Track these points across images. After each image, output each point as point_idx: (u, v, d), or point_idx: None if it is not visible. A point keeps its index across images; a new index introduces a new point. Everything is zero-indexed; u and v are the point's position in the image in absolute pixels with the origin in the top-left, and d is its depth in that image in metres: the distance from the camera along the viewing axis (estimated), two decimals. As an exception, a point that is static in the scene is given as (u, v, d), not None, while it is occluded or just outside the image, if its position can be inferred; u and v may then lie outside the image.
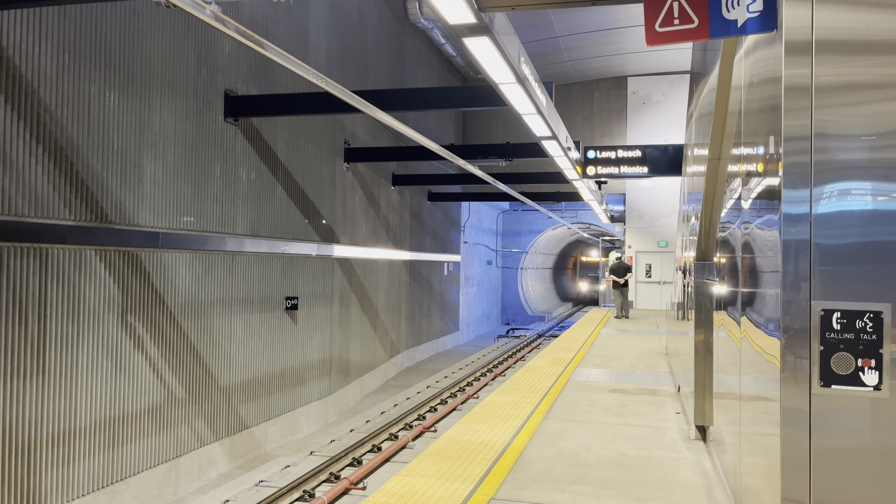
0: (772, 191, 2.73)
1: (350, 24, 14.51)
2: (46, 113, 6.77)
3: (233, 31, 5.27)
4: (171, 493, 8.49)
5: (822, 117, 2.50)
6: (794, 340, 2.51)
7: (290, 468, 9.51)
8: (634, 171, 12.06)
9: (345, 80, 13.55)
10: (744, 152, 3.57)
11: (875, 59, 2.47)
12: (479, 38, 5.45)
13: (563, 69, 22.74)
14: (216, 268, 9.56)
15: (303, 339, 12.19)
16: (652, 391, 8.53)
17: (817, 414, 2.47)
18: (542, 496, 4.71)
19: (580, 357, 11.48)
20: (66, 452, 7.00)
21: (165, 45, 8.48)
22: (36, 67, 6.64)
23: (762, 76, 3.01)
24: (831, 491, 2.46)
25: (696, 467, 5.38)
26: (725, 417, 4.54)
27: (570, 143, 11.98)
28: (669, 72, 22.91)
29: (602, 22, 18.96)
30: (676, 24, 2.99)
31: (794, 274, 2.51)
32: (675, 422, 6.89)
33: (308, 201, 12.37)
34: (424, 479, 5.01)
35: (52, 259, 6.82)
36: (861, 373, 2.42)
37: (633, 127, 23.42)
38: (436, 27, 19.56)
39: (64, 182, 6.98)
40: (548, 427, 6.64)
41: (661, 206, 23.17)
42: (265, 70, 10.78)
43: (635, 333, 15.62)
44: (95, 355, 7.37)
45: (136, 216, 7.99)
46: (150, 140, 8.22)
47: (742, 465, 3.69)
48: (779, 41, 2.64)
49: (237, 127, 10.08)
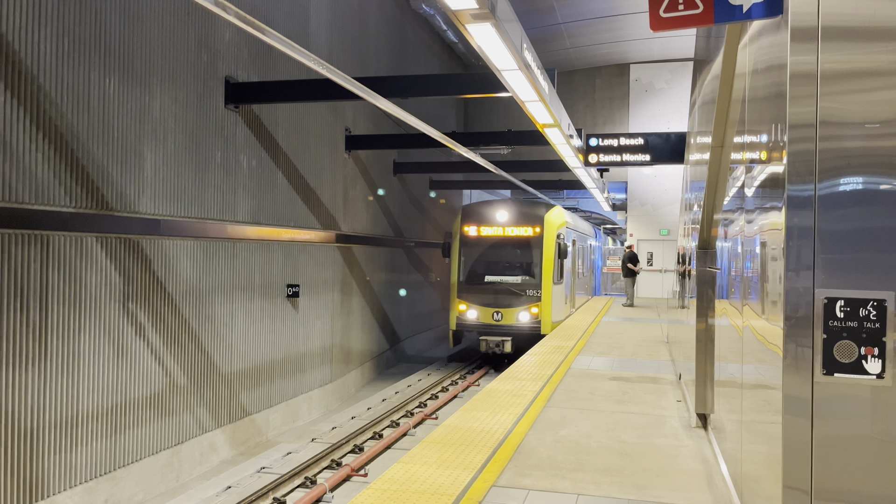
0: (776, 179, 2.71)
1: (351, 11, 14.42)
2: (46, 99, 6.74)
3: (233, 17, 5.23)
4: (174, 480, 8.53)
5: (827, 105, 2.48)
6: (797, 328, 2.50)
7: (292, 455, 9.56)
8: (636, 159, 12.01)
9: (345, 67, 13.47)
10: (747, 140, 3.55)
11: (882, 45, 2.45)
12: (481, 25, 5.41)
13: (565, 56, 22.61)
14: (217, 255, 9.56)
15: (304, 327, 12.21)
16: (653, 379, 8.54)
17: (819, 402, 2.47)
18: (543, 483, 4.72)
19: (581, 345, 11.50)
20: (69, 439, 7.03)
21: (165, 30, 8.43)
22: (35, 53, 6.60)
23: (767, 63, 2.98)
24: (833, 479, 2.47)
25: (696, 455, 5.39)
26: (726, 405, 4.54)
27: (573, 131, 11.93)
28: (672, 59, 22.79)
29: (604, 8, 18.84)
30: (681, 10, 2.97)
31: (797, 262, 2.50)
32: (676, 410, 6.91)
33: (309, 189, 12.35)
34: (426, 466, 5.03)
35: (54, 246, 6.82)
36: (864, 361, 2.41)
37: (636, 114, 23.33)
38: (437, 14, 19.44)
39: (64, 169, 6.96)
40: (549, 415, 6.66)
41: (664, 195, 23.12)
42: (266, 57, 10.72)
43: (637, 321, 15.64)
44: (97, 342, 7.39)
45: (136, 203, 7.97)
46: (150, 127, 8.19)
47: (743, 453, 3.70)
48: (784, 27, 2.62)
49: (238, 114, 10.04)
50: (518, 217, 16.22)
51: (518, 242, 16.13)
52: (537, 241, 15.94)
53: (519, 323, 15.51)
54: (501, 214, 16.21)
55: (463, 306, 15.89)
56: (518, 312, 15.51)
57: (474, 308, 15.81)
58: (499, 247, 16.26)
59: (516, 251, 16.15)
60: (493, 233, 16.23)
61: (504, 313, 15.56)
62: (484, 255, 16.26)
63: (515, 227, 16.13)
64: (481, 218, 16.41)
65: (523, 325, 15.47)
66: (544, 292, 15.49)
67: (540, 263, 15.77)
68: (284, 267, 11.47)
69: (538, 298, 15.48)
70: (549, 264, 15.70)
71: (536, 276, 15.76)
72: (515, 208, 16.34)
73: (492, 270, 16.06)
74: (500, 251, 16.25)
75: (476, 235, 16.34)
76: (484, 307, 15.72)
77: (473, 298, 15.81)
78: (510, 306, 15.58)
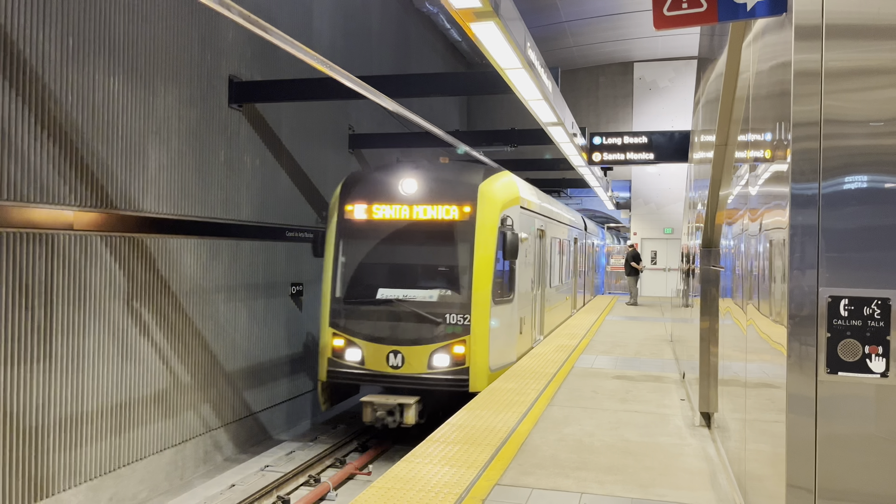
0: (780, 177, 2.71)
1: (354, 9, 14.42)
2: (51, 98, 6.76)
3: (237, 16, 5.24)
4: (178, 478, 8.56)
5: (831, 103, 2.47)
6: (801, 327, 2.49)
7: (296, 453, 9.58)
8: (640, 158, 11.99)
9: (349, 66, 13.48)
10: (751, 138, 3.55)
11: (886, 44, 2.44)
12: (484, 23, 5.41)
13: (568, 54, 22.58)
14: (221, 254, 9.58)
15: (308, 326, 12.22)
16: (656, 378, 8.53)
17: (823, 401, 2.47)
18: (546, 482, 4.73)
19: (585, 344, 11.49)
20: (74, 437, 7.05)
21: (169, 30, 8.45)
22: (40, 52, 6.62)
23: (771, 61, 2.98)
24: (837, 478, 2.46)
25: (700, 454, 5.39)
26: (730, 404, 4.54)
27: (576, 129, 11.92)
28: (676, 57, 22.74)
29: (608, 7, 18.80)
30: (685, 8, 2.96)
31: (801, 260, 2.50)
32: (680, 408, 6.90)
33: (312, 188, 12.36)
34: (430, 464, 5.03)
35: (58, 245, 6.84)
36: (868, 360, 2.41)
37: (639, 113, 23.28)
38: (441, 12, 19.43)
39: (69, 168, 6.98)
40: (552, 413, 6.66)
41: (667, 193, 23.08)
42: (269, 56, 10.74)
43: (640, 320, 15.62)
44: (101, 341, 7.41)
45: (141, 202, 7.99)
46: (154, 126, 8.20)
47: (747, 452, 3.69)
48: (788, 25, 2.61)
49: (241, 113, 10.06)
50: (435, 189, 9.70)
51: (434, 232, 9.61)
52: (466, 231, 9.46)
53: (433, 371, 9.15)
54: (408, 185, 9.74)
55: (339, 341, 9.54)
56: (432, 353, 9.18)
57: (357, 345, 9.43)
58: (402, 240, 9.77)
59: (430, 248, 9.69)
60: (392, 215, 9.73)
61: (407, 355, 9.20)
62: (377, 253, 9.86)
63: (430, 207, 9.62)
64: (374, 191, 9.88)
65: (439, 376, 9.13)
66: (476, 317, 9.16)
67: (470, 268, 9.35)
68: (288, 265, 11.49)
69: (466, 328, 9.15)
70: (486, 269, 9.29)
71: (464, 289, 9.36)
72: (431, 176, 9.83)
73: (389, 280, 9.70)
74: (404, 248, 9.79)
75: (364, 220, 9.83)
76: (374, 343, 9.35)
77: (357, 328, 9.48)
78: (418, 342, 9.22)
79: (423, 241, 9.65)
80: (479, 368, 9.07)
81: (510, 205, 9.91)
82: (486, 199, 9.50)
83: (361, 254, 9.88)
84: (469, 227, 9.42)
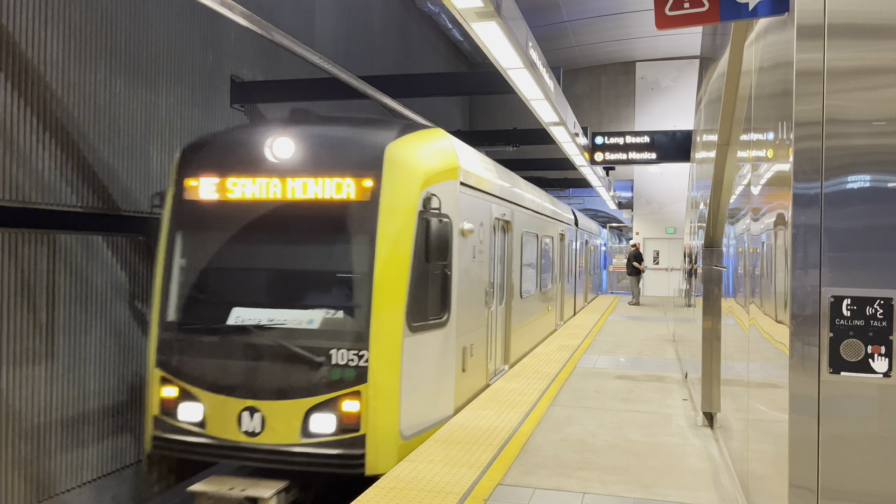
0: (782, 177, 2.71)
1: (356, 9, 14.43)
2: (53, 99, 6.77)
3: (239, 16, 5.25)
4: (181, 478, 8.55)
5: (834, 102, 2.47)
6: (804, 327, 2.49)
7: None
8: (643, 157, 12.00)
9: (351, 66, 13.48)
10: (754, 138, 3.54)
11: (888, 43, 2.44)
12: (486, 23, 5.41)
13: (570, 54, 22.57)
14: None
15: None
16: (659, 378, 8.53)
17: (826, 401, 2.46)
18: (549, 482, 4.72)
19: (587, 344, 11.49)
20: (76, 437, 7.06)
21: (172, 30, 8.46)
22: (43, 53, 6.63)
23: (773, 61, 2.97)
24: (839, 478, 2.46)
25: (702, 453, 5.38)
26: (733, 404, 4.54)
27: (578, 129, 11.92)
28: (678, 57, 22.71)
29: (610, 6, 18.79)
30: (687, 8, 2.96)
31: (803, 260, 2.50)
32: (682, 408, 6.90)
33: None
34: (432, 464, 5.04)
35: (61, 245, 6.85)
36: (871, 360, 2.40)
37: (642, 112, 23.26)
38: (442, 12, 19.44)
39: (71, 168, 6.99)
40: (555, 413, 6.65)
41: (670, 193, 23.06)
42: (271, 56, 10.74)
43: (643, 320, 15.61)
44: (104, 341, 7.42)
45: (143, 202, 8.00)
46: (157, 127, 8.21)
47: (749, 452, 3.69)
48: (790, 25, 2.61)
49: (244, 113, 10.06)
50: (320, 155, 6.09)
51: (317, 220, 6.01)
52: (364, 217, 5.87)
53: (309, 441, 5.54)
54: (280, 149, 6.14)
55: (170, 390, 5.96)
56: (308, 412, 5.58)
57: (195, 397, 5.87)
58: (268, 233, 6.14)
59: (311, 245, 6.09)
60: (254, 194, 6.11)
61: (270, 415, 5.64)
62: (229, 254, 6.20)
63: (310, 180, 6.01)
64: (230, 160, 6.26)
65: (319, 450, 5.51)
66: (379, 354, 5.60)
67: (369, 275, 5.73)
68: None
69: (362, 372, 5.55)
70: (394, 277, 5.78)
71: (359, 309, 5.75)
72: (316, 135, 6.21)
73: (246, 296, 6.08)
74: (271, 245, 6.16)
75: (213, 202, 6.22)
76: (219, 395, 5.79)
77: (195, 370, 5.91)
78: (287, 394, 5.64)
79: (299, 233, 6.04)
80: (383, 435, 5.50)
81: (441, 178, 6.35)
82: (397, 168, 5.90)
83: (206, 255, 6.22)
84: (369, 212, 5.82)
